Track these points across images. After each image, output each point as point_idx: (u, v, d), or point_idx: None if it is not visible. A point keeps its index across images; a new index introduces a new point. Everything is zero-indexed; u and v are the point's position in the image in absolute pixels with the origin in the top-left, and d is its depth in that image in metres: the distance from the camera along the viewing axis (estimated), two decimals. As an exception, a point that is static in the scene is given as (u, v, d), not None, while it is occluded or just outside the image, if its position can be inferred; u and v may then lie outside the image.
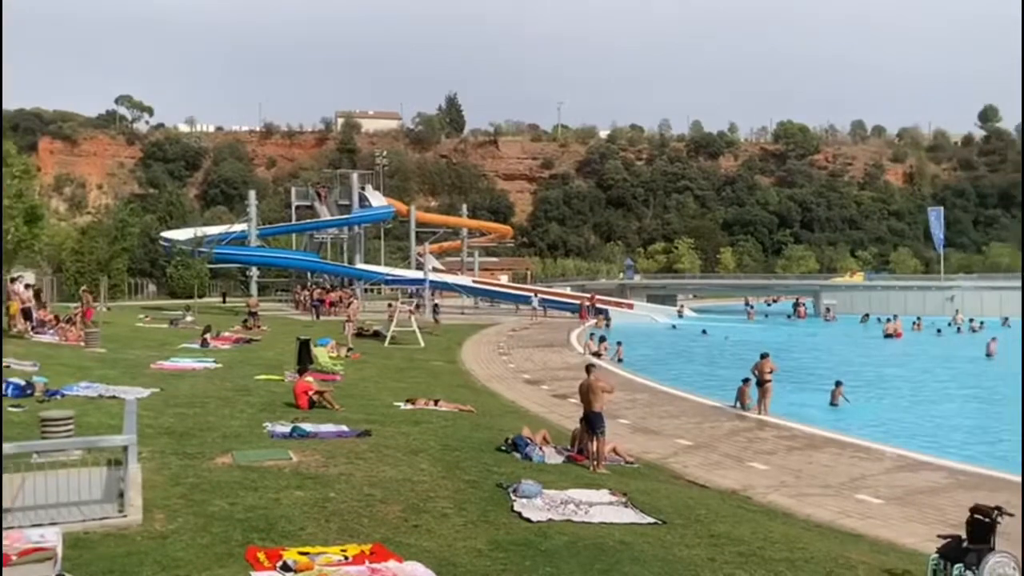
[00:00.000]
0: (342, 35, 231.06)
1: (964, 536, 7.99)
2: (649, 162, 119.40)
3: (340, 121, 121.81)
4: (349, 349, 26.89)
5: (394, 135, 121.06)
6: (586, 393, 12.98)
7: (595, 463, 12.51)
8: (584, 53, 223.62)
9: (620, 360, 31.33)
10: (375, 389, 19.51)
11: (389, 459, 11.24)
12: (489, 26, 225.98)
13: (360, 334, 32.70)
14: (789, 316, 59.18)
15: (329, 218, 56.40)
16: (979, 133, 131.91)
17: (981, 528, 7.92)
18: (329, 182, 62.97)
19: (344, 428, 13.21)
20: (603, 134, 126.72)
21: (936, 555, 7.95)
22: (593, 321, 45.89)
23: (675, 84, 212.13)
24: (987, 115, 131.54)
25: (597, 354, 30.65)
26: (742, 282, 74.70)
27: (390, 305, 36.88)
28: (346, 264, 56.77)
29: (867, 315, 51.90)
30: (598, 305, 50.22)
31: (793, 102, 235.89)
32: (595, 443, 12.66)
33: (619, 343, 33.16)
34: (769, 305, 70.11)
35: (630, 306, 56.23)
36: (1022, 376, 25.05)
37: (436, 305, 45.64)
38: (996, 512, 7.96)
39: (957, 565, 7.64)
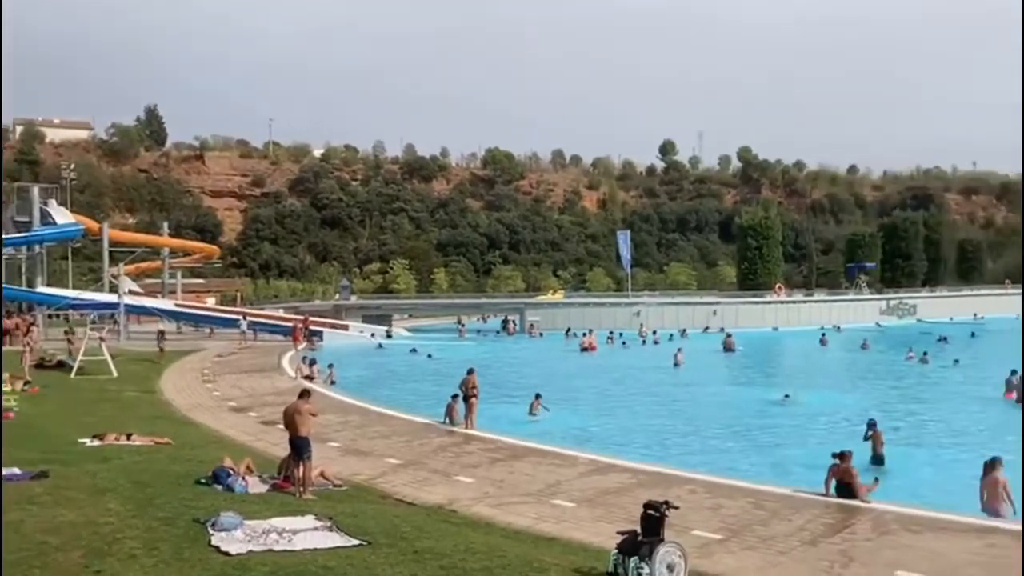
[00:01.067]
0: (21, 34, 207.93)
1: (639, 530, 8.83)
2: (364, 183, 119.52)
3: (19, 129, 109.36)
4: (26, 382, 24.18)
5: (84, 146, 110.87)
6: (292, 417, 12.69)
7: (301, 489, 12.26)
8: (295, 71, 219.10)
9: (333, 382, 30.99)
10: (57, 425, 17.72)
11: (70, 501, 10.24)
12: (195, 37, 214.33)
13: (41, 365, 29.53)
14: (498, 332, 61.87)
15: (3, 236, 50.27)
16: (660, 165, 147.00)
17: (653, 522, 8.78)
18: (6, 196, 56.21)
19: (15, 471, 11.83)
20: (317, 153, 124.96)
21: (615, 551, 8.70)
22: (306, 344, 44.97)
23: (388, 106, 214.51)
24: (666, 149, 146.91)
25: (309, 377, 30.04)
26: (455, 301, 76.95)
27: (69, 332, 33.66)
28: (25, 288, 50.94)
29: (569, 330, 55.60)
30: (312, 327, 49.29)
31: (501, 129, 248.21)
32: (301, 468, 12.41)
33: (331, 365, 32.79)
34: (485, 322, 72.86)
35: (345, 327, 55.80)
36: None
37: (161, 332, 41.79)
38: (665, 506, 8.87)
39: (633, 558, 8.40)
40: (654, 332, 54.28)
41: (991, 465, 13.56)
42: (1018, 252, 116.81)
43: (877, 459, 17.84)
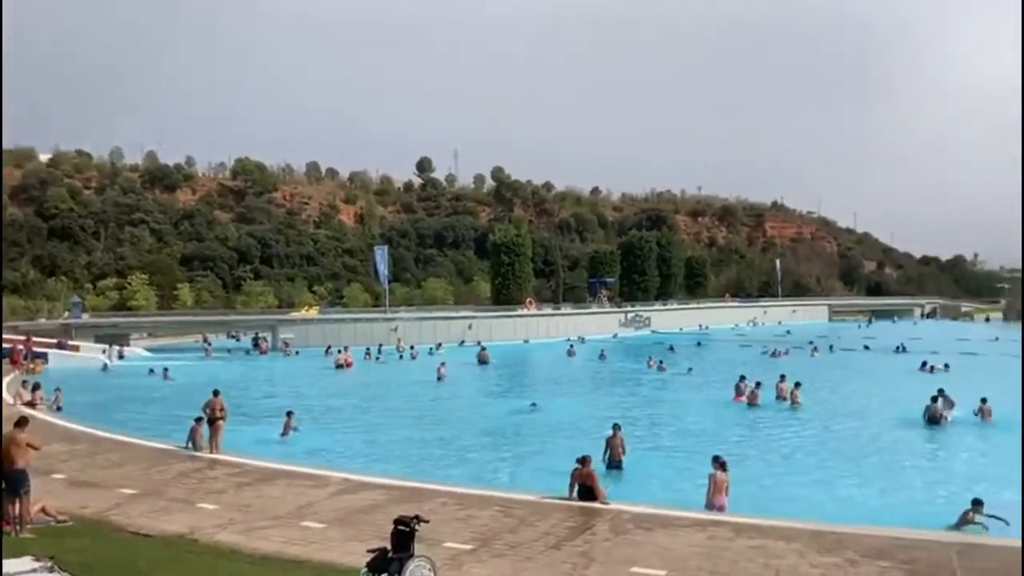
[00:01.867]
0: None
1: (389, 547, 8.80)
2: (99, 192, 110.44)
3: None
4: None
5: None
6: (7, 449, 11.44)
7: (18, 527, 11.06)
8: (17, 67, 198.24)
9: (59, 408, 28.27)
10: None
11: None
12: None
13: None
14: (249, 351, 59.38)
15: None
16: (418, 181, 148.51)
17: (403, 537, 8.79)
18: None
19: None
20: (44, 158, 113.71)
21: (365, 569, 8.61)
22: (29, 367, 40.69)
23: (127, 110, 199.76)
24: (424, 165, 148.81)
25: (31, 404, 27.19)
26: (201, 318, 72.87)
27: None
28: None
29: (331, 347, 54.49)
30: (35, 349, 44.69)
31: (250, 139, 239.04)
32: (18, 505, 11.21)
33: (57, 389, 29.90)
34: (237, 340, 69.54)
35: (75, 348, 51.09)
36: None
37: None
38: (416, 520, 8.92)
39: (383, 575, 8.37)
40: (412, 347, 54.56)
41: (717, 463, 14.86)
42: (736, 269, 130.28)
43: (615, 464, 18.92)
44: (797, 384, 30.51)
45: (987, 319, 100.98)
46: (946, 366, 41.56)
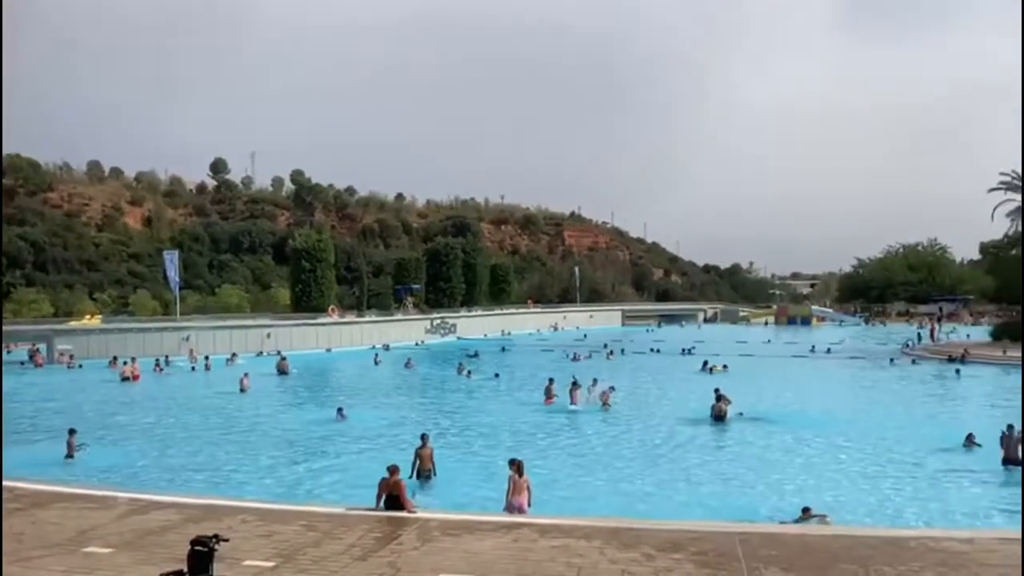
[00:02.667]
0: None
1: (186, 569, 8.29)
2: None
3: None
4: None
5: None
6: None
7: None
8: None
9: None
10: None
11: None
12: None
13: None
14: (23, 363, 54.27)
15: None
16: (211, 183, 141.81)
17: (201, 558, 8.31)
18: None
19: None
20: None
21: (158, 594, 8.07)
22: None
23: None
24: (218, 167, 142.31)
25: None
26: (-38, 330, 65.83)
27: None
28: None
29: (116, 358, 50.73)
30: None
31: (21, 138, 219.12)
32: None
33: None
34: (8, 352, 63.30)
35: None
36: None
37: None
38: (214, 540, 8.46)
39: (179, 599, 7.87)
40: (206, 357, 51.91)
41: (514, 466, 15.13)
42: (537, 276, 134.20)
43: (424, 474, 18.79)
44: (611, 388, 31.93)
45: (766, 323, 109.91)
46: (725, 367, 44.93)
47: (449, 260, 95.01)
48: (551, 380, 33.21)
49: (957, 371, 44.37)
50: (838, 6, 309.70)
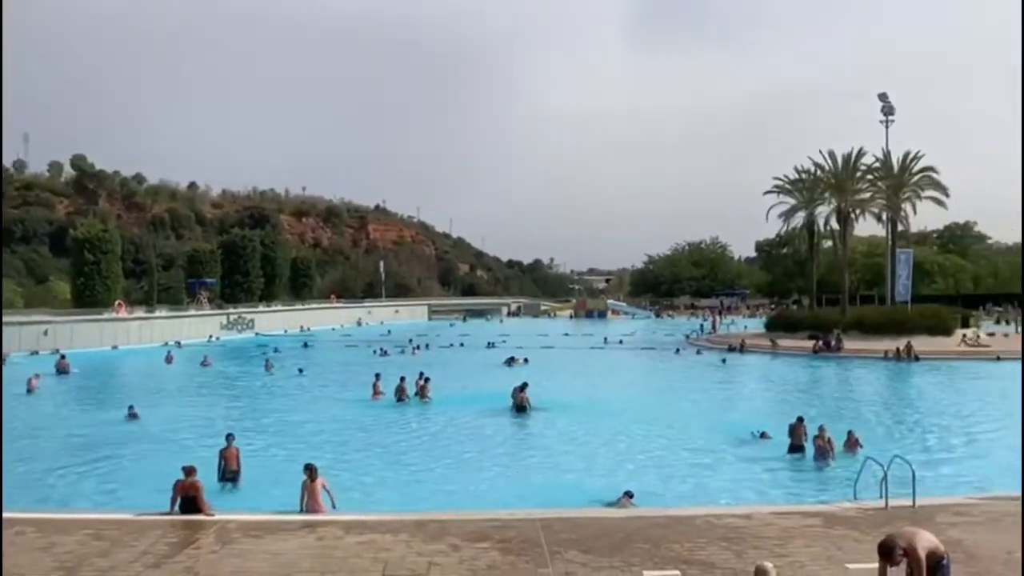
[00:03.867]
0: None
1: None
2: None
3: None
4: None
5: None
6: None
7: None
8: None
9: None
10: None
11: None
12: None
13: None
14: None
15: None
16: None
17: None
18: None
19: None
20: None
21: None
22: None
23: None
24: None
25: None
26: None
27: None
28: None
29: None
30: None
31: None
32: None
33: None
34: None
35: None
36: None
37: None
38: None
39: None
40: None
41: (307, 470, 14.46)
42: (341, 270, 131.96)
43: (231, 474, 17.87)
44: (427, 379, 32.04)
45: (571, 316, 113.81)
46: (526, 360, 46.31)
47: (247, 253, 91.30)
48: (377, 376, 33.01)
49: (723, 360, 48.29)
50: (637, 15, 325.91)
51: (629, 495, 15.47)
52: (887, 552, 8.03)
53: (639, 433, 24.25)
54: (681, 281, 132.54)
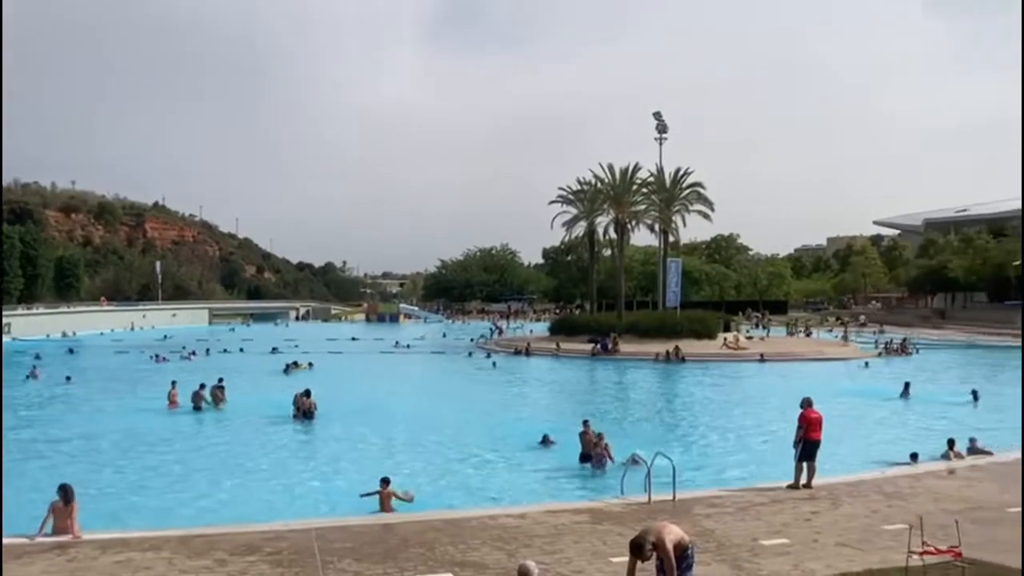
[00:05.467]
0: None
1: None
2: None
3: None
4: None
5: None
6: None
7: None
8: None
9: None
10: None
11: None
12: None
13: None
14: None
15: None
16: None
17: None
18: None
19: None
20: None
21: None
22: None
23: None
24: None
25: None
26: None
27: None
28: None
29: None
30: None
31: None
32: None
33: None
34: None
35: None
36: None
37: None
38: None
39: None
40: None
41: (61, 491, 13.15)
42: (113, 271, 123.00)
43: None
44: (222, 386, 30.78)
45: (367, 319, 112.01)
46: (310, 364, 45.16)
47: (5, 251, 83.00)
48: (174, 383, 30.93)
49: (494, 364, 48.95)
50: (431, 17, 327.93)
51: (385, 481, 15.64)
52: (638, 548, 8.49)
53: (424, 438, 24.27)
54: (473, 286, 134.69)
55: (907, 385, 34.00)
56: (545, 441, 22.71)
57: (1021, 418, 22.77)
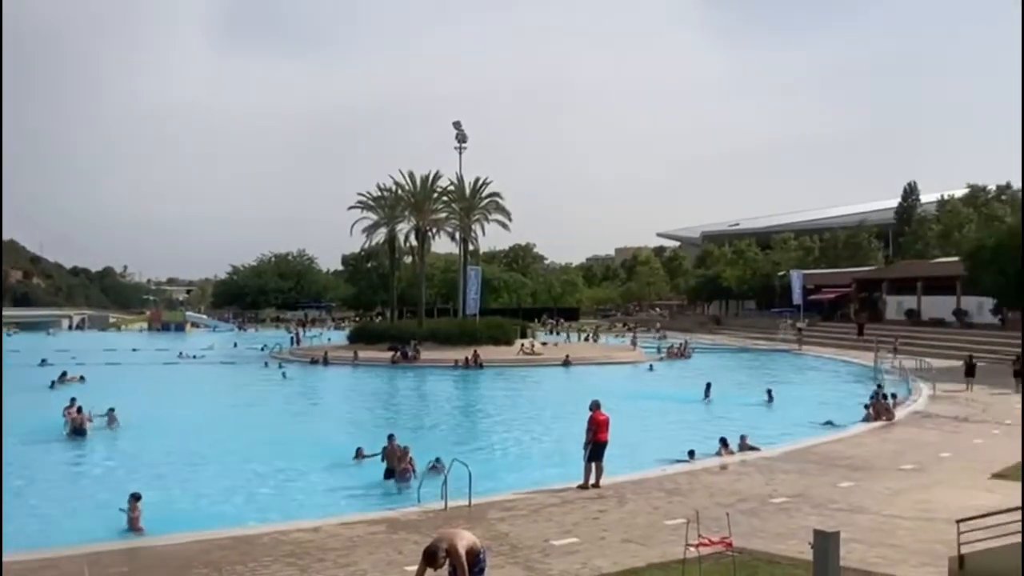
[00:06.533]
0: None
1: None
2: None
3: None
4: None
5: None
6: None
7: None
8: None
9: None
10: None
11: None
12: None
13: None
14: None
15: None
16: None
17: None
18: None
19: None
20: None
21: None
22: None
23: None
24: None
25: None
26: None
27: None
28: None
29: None
30: None
31: None
32: None
33: None
34: None
35: None
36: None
37: None
38: None
39: None
40: None
41: None
42: None
43: None
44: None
45: (148, 327, 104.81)
46: (82, 377, 41.69)
47: None
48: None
49: (284, 374, 46.56)
50: (221, 18, 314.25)
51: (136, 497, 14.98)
52: (431, 555, 8.50)
53: (208, 453, 23.05)
54: (267, 293, 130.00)
55: (708, 386, 35.77)
56: (359, 455, 21.50)
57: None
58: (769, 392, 34.40)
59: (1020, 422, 24.03)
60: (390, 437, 20.47)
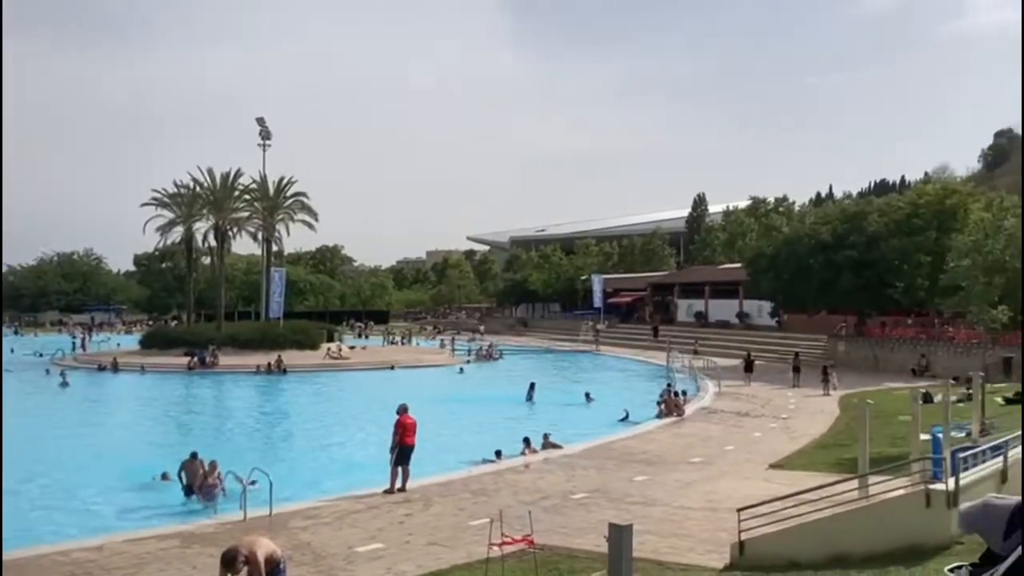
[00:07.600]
0: None
1: None
2: None
3: None
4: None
5: None
6: None
7: None
8: None
9: None
10: None
11: None
12: None
13: None
14: None
15: None
16: None
17: None
18: None
19: None
20: None
21: None
22: None
23: None
24: None
25: None
26: None
27: None
28: None
29: None
30: None
31: None
32: None
33: None
34: None
35: None
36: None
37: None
38: None
39: None
40: None
41: None
42: None
43: None
44: None
45: None
46: None
47: None
48: None
49: (64, 383, 42.88)
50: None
51: None
52: (230, 561, 8.20)
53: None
54: (48, 295, 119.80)
55: (532, 386, 36.19)
56: (165, 477, 19.41)
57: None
58: (587, 395, 35.29)
59: (795, 416, 26.26)
60: (193, 454, 18.60)
